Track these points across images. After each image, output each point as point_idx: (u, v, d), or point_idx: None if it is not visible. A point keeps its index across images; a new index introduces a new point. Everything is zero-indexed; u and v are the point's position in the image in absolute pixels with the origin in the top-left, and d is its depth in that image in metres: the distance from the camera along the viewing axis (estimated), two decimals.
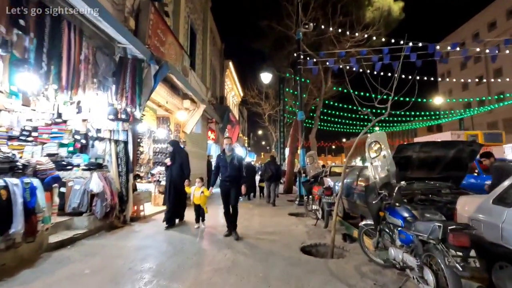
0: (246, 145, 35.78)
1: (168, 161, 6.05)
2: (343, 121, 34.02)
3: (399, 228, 3.06)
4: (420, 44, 9.20)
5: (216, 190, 6.25)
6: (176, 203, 5.78)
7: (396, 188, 3.25)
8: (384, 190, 3.33)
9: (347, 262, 3.83)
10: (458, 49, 9.84)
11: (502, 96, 25.36)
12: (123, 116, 5.46)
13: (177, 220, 6.00)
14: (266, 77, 10.86)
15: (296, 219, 7.08)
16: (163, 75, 5.93)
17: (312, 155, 7.86)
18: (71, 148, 5.41)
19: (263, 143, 64.38)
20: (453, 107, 38.76)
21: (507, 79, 21.87)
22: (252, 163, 23.09)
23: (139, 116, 5.83)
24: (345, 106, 26.31)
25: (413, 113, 33.56)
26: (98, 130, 5.36)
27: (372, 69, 13.16)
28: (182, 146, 8.94)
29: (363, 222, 3.95)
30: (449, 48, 9.84)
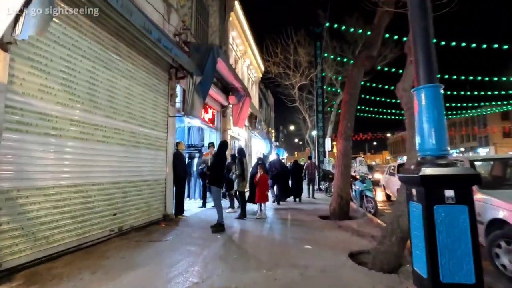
0: (273, 138, 28.59)
1: None
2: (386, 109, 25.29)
3: None
4: None
5: None
6: None
7: None
8: None
9: None
10: None
11: None
12: None
13: None
14: None
15: None
16: None
17: None
18: None
19: (296, 140, 56.15)
20: None
21: None
22: (284, 160, 15.93)
23: None
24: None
25: (482, 92, 23.08)
26: None
27: None
28: None
29: None
30: None
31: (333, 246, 4.48)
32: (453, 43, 15.46)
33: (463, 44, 16.16)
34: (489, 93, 22.69)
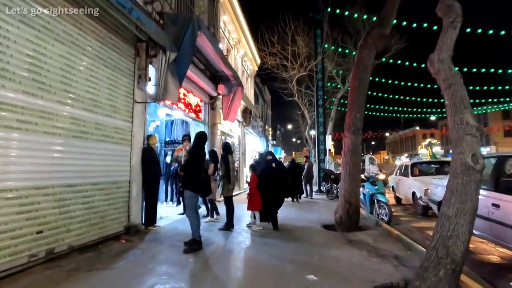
0: (270, 136, 27.30)
1: None
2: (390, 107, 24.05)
3: None
4: None
5: None
6: None
7: None
8: None
9: None
10: None
11: None
12: None
13: None
14: None
15: None
16: None
17: None
18: None
19: (293, 139, 54.89)
20: None
21: None
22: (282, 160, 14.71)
23: None
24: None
25: (485, 87, 21.43)
26: None
27: None
28: None
29: None
30: None
31: (347, 275, 3.20)
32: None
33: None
34: (491, 88, 21.42)
